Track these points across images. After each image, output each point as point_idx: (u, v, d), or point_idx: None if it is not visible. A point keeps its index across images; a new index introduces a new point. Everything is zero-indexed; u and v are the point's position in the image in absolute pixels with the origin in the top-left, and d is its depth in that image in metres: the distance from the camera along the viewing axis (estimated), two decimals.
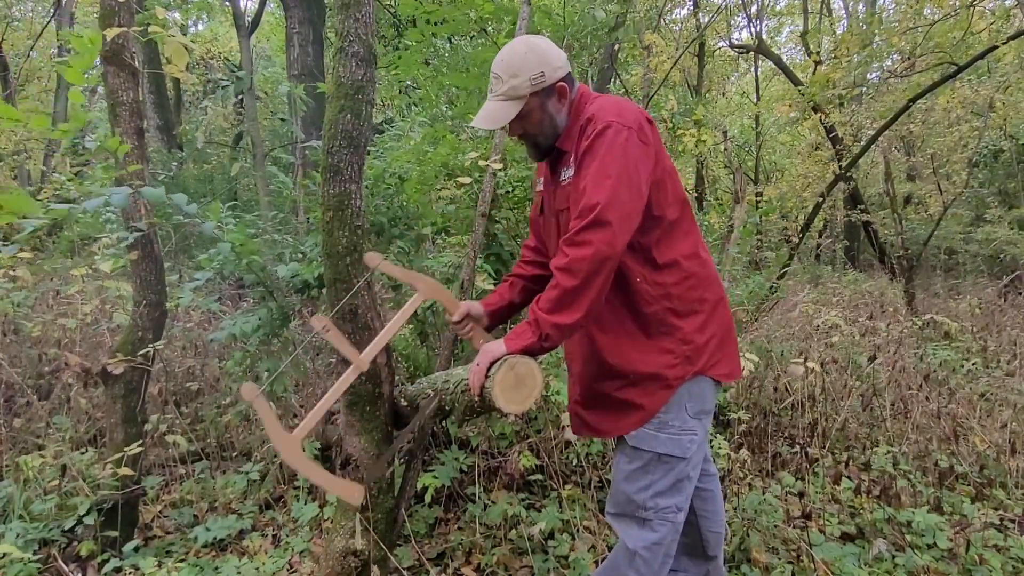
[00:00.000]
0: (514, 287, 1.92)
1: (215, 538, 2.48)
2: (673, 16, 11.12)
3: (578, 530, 2.45)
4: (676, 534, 1.68)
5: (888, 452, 3.14)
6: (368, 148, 2.23)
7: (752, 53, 10.64)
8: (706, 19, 9.47)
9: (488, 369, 1.57)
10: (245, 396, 1.58)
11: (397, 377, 2.13)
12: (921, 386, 3.70)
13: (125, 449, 2.40)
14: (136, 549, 2.38)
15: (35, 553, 2.18)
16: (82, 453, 2.82)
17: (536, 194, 1.91)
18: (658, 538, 1.64)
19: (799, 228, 6.56)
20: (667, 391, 1.61)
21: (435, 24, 3.74)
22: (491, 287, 2.88)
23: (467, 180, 3.03)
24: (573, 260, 1.43)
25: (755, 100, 12.68)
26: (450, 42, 4.69)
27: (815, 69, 7.67)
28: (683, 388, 1.62)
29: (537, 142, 1.70)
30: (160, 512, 2.81)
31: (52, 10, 13.08)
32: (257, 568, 2.28)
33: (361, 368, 1.73)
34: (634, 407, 1.63)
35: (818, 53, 9.05)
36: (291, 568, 2.35)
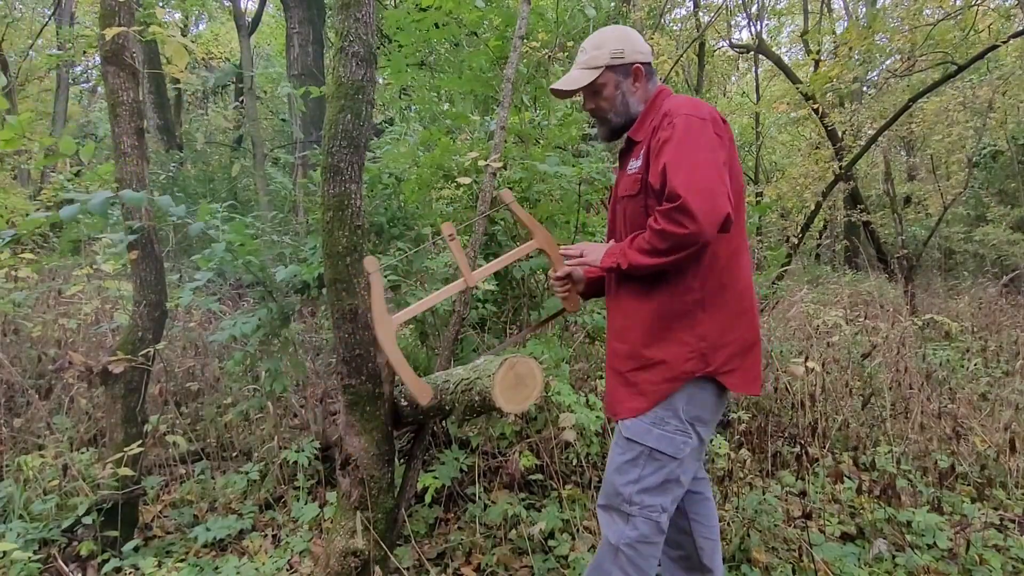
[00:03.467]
0: None
1: (215, 538, 2.48)
2: (673, 16, 11.12)
3: (578, 530, 2.45)
4: (660, 536, 1.68)
5: (889, 452, 3.14)
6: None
7: (752, 53, 10.65)
8: (706, 19, 9.47)
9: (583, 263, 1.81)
10: (368, 267, 1.82)
11: (397, 377, 2.13)
12: (922, 386, 3.70)
13: (125, 449, 2.40)
14: (136, 549, 2.38)
15: (35, 553, 2.18)
16: (82, 453, 2.82)
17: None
18: (639, 536, 1.64)
19: (799, 228, 6.56)
20: (672, 384, 1.62)
21: (428, 30, 3.74)
22: (491, 287, 2.88)
23: (466, 180, 3.03)
24: (666, 230, 1.51)
25: (755, 100, 12.68)
26: (456, 44, 4.69)
27: (815, 67, 7.67)
28: (685, 389, 1.62)
29: (608, 118, 1.78)
30: (160, 512, 2.81)
31: (52, 9, 13.08)
32: (257, 568, 2.28)
33: (469, 283, 1.94)
34: (638, 393, 1.65)
35: (818, 52, 9.04)
36: (291, 568, 2.35)
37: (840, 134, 7.74)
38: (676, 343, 1.62)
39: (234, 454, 3.21)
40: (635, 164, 1.69)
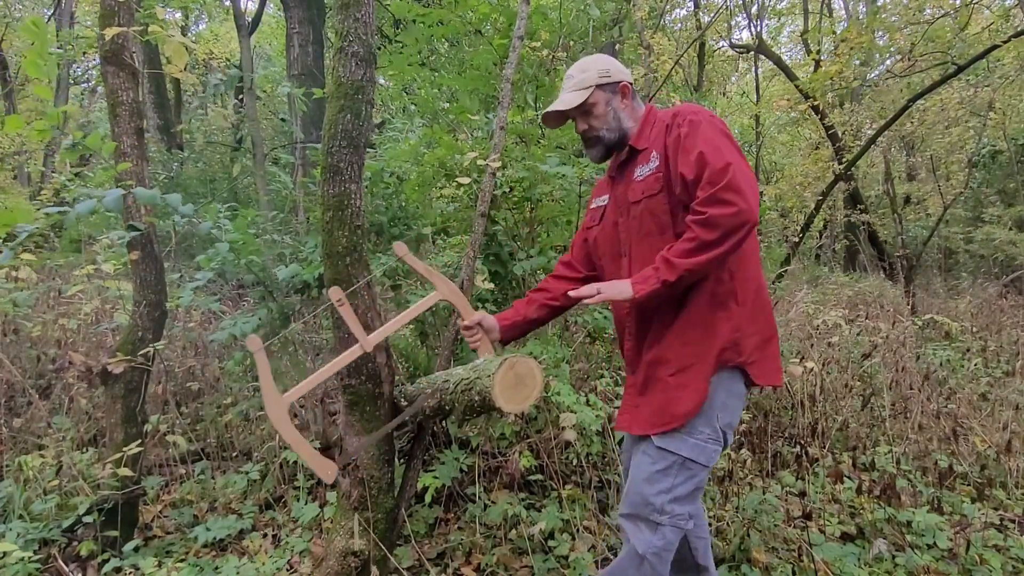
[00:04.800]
0: (532, 303, 1.97)
1: (215, 538, 2.48)
2: (674, 16, 11.12)
3: (578, 530, 2.45)
4: (679, 541, 1.69)
5: (888, 452, 3.14)
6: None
7: (752, 53, 10.64)
8: (706, 19, 9.47)
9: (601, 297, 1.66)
10: (250, 346, 1.67)
11: (397, 377, 2.13)
12: (922, 386, 3.70)
13: (125, 449, 2.40)
14: (136, 549, 2.38)
15: (35, 553, 2.18)
16: (82, 453, 2.82)
17: (588, 212, 1.97)
18: (666, 544, 1.65)
19: (799, 228, 6.56)
20: (709, 380, 1.62)
21: (433, 26, 3.74)
22: (490, 288, 2.88)
23: (466, 180, 3.02)
24: (713, 216, 1.49)
25: (755, 100, 12.69)
26: (454, 43, 4.69)
27: (816, 68, 7.67)
28: (719, 390, 1.63)
29: (601, 136, 1.79)
30: (160, 512, 2.81)
31: (52, 10, 13.08)
32: (257, 568, 2.28)
33: (366, 348, 1.80)
34: (683, 396, 1.63)
35: (818, 52, 9.04)
36: (291, 568, 2.35)
37: (840, 134, 7.74)
38: (714, 335, 1.63)
39: (234, 454, 3.21)
40: (648, 167, 1.70)
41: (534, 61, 3.64)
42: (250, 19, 10.22)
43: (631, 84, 1.81)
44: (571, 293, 1.76)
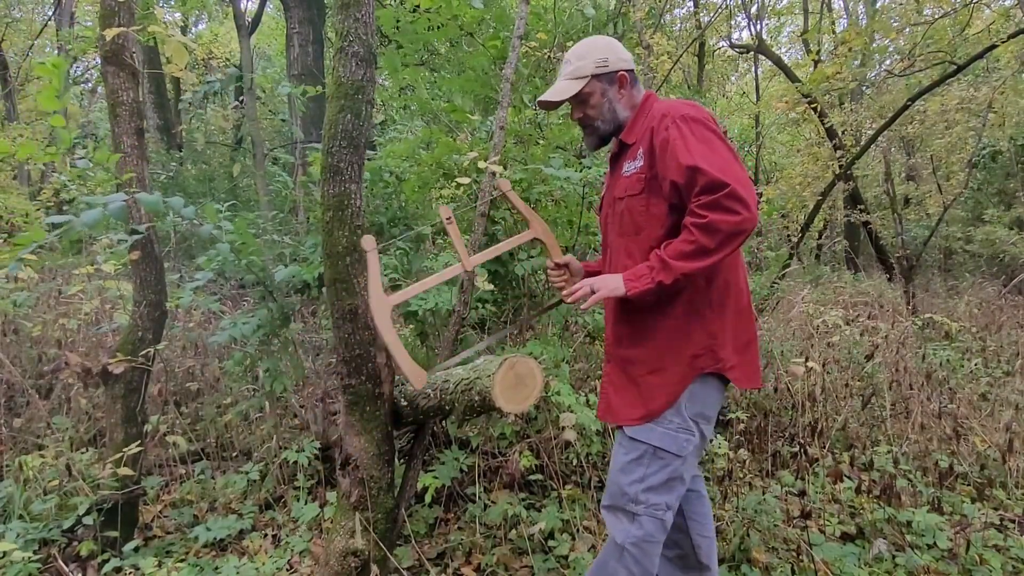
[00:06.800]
0: None
1: (215, 538, 2.48)
2: (673, 16, 11.11)
3: (578, 530, 2.45)
4: (663, 534, 1.69)
5: (888, 452, 3.14)
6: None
7: (752, 53, 10.64)
8: (706, 19, 9.46)
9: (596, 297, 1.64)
10: (365, 246, 1.80)
11: (397, 377, 2.13)
12: (922, 386, 3.70)
13: (125, 449, 2.40)
14: (136, 549, 2.38)
15: (35, 553, 2.19)
16: (82, 453, 2.82)
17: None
18: (645, 535, 1.65)
19: (799, 228, 6.56)
20: (683, 383, 1.63)
21: (428, 30, 3.74)
22: (491, 288, 2.88)
23: (466, 180, 3.02)
24: (715, 221, 1.46)
25: (755, 100, 12.69)
26: (453, 44, 4.69)
27: (815, 68, 7.66)
28: (690, 386, 1.63)
29: (596, 126, 1.80)
30: (160, 512, 2.81)
31: (52, 10, 13.09)
32: (257, 568, 2.28)
33: (466, 268, 1.92)
34: (651, 397, 1.65)
35: (818, 52, 9.04)
36: (291, 568, 2.35)
37: (840, 134, 7.74)
38: (691, 342, 1.63)
39: (234, 454, 3.21)
40: (634, 165, 1.69)
41: (530, 62, 3.64)
42: (250, 19, 10.21)
43: (630, 72, 1.77)
44: (564, 294, 1.76)
